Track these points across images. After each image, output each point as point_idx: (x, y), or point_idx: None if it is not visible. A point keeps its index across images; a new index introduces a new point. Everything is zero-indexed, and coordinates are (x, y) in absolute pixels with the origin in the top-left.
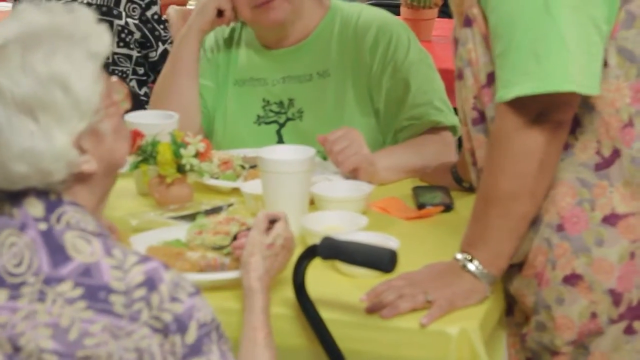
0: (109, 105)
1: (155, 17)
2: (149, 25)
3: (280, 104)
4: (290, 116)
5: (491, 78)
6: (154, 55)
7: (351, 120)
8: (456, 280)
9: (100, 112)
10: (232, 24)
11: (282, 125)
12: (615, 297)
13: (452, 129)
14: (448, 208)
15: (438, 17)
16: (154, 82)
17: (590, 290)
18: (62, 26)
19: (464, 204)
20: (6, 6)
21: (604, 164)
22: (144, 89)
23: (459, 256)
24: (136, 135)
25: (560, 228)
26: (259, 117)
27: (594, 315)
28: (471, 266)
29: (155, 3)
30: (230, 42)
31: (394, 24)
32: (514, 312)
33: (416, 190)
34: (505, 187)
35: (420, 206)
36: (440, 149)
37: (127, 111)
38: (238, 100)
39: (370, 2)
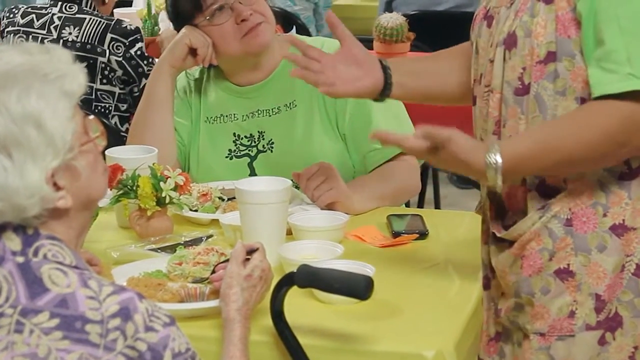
0: (85, 142)
1: (139, 53)
2: (133, 62)
3: (251, 137)
4: (261, 148)
5: (551, 56)
6: (136, 91)
7: (320, 147)
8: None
9: (75, 149)
10: (200, 66)
11: (253, 158)
12: (599, 304)
13: None
14: (422, 235)
15: (410, 50)
16: None
17: (577, 289)
18: (37, 66)
19: (438, 231)
20: None
21: (628, 175)
22: (126, 125)
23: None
24: (117, 169)
25: (568, 223)
26: (230, 151)
27: (571, 314)
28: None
29: (139, 40)
30: (200, 81)
31: None
32: (490, 286)
33: (391, 218)
34: (586, 155)
35: (395, 234)
36: (406, 174)
37: (107, 147)
38: (209, 136)
39: None
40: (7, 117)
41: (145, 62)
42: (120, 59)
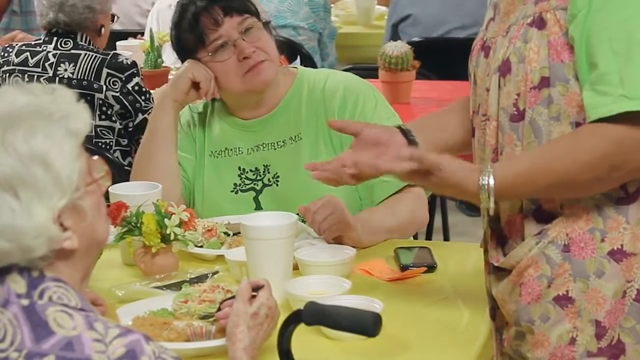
0: (90, 182)
1: (136, 88)
2: (130, 97)
3: (256, 170)
4: (267, 182)
5: (544, 82)
6: (131, 126)
7: None
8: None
9: (81, 189)
10: (204, 99)
11: (259, 192)
12: (599, 330)
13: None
14: (431, 268)
15: (416, 79)
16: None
17: (577, 315)
18: (42, 106)
19: (447, 264)
20: None
21: (625, 200)
22: (128, 159)
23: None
24: (120, 206)
25: (566, 249)
26: (235, 185)
27: (572, 341)
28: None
29: (136, 74)
30: (204, 115)
31: (360, 85)
32: (496, 317)
33: (398, 251)
34: (578, 179)
35: (403, 268)
36: (414, 206)
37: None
38: (214, 170)
39: (348, 65)
40: (14, 157)
41: (142, 97)
42: (117, 94)
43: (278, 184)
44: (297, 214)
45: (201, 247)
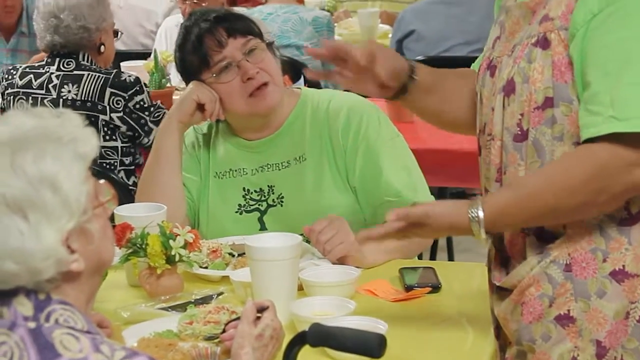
0: (97, 205)
1: (138, 106)
2: (134, 116)
3: (261, 191)
4: (271, 203)
5: (548, 102)
6: (146, 142)
7: (331, 201)
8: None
9: (88, 212)
10: (208, 120)
11: (263, 213)
12: (600, 350)
13: None
14: (435, 288)
15: None
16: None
17: (578, 335)
18: (50, 129)
19: (451, 284)
20: None
21: (628, 221)
22: (132, 178)
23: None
24: (125, 228)
25: (567, 268)
26: (240, 206)
27: None
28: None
29: (139, 92)
30: (208, 136)
31: (364, 106)
32: (500, 336)
33: (403, 271)
34: (566, 204)
35: (408, 288)
36: None
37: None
38: (219, 191)
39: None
40: (23, 179)
41: (146, 112)
42: (121, 114)
43: (282, 204)
44: (302, 235)
45: (206, 268)
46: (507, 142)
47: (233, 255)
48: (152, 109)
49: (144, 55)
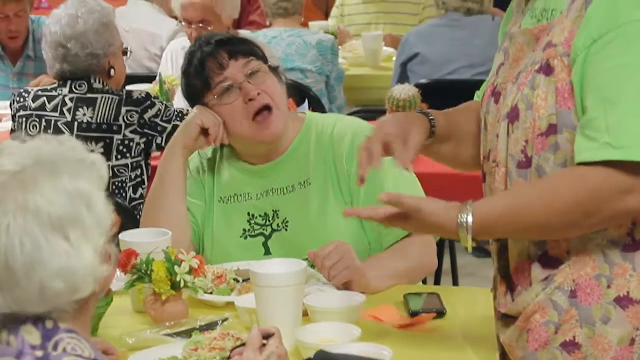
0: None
1: (151, 118)
2: (147, 126)
3: (265, 216)
4: (276, 227)
5: (552, 129)
6: (160, 141)
7: (335, 226)
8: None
9: (110, 234)
10: (213, 145)
11: (268, 237)
12: None
13: None
14: (440, 314)
15: None
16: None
17: None
18: (71, 153)
19: (456, 309)
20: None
21: (632, 247)
22: (140, 191)
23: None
24: (131, 254)
25: (573, 295)
26: (244, 231)
27: None
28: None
29: (151, 105)
30: (213, 161)
31: (369, 130)
32: None
33: (408, 297)
34: (554, 222)
35: (413, 314)
36: (423, 252)
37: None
38: (223, 216)
39: (356, 108)
40: (64, 197)
41: (159, 119)
42: (135, 127)
43: (287, 229)
44: (307, 259)
45: (211, 293)
46: (511, 169)
47: (238, 281)
48: (165, 111)
49: (149, 79)
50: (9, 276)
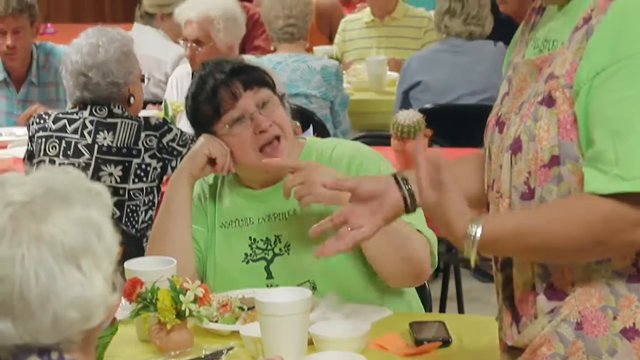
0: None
1: (169, 143)
2: (164, 151)
3: (267, 240)
4: (278, 252)
5: (554, 160)
6: (175, 164)
7: None
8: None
9: (115, 263)
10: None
11: (270, 262)
12: None
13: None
14: (446, 343)
15: (428, 146)
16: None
17: None
18: (78, 183)
19: (462, 338)
20: (8, 154)
21: (637, 278)
22: (150, 213)
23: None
24: (136, 283)
25: (578, 326)
26: (246, 255)
27: None
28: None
29: (169, 130)
30: (214, 187)
31: (366, 152)
32: None
33: (413, 325)
34: (563, 246)
35: (418, 342)
36: (419, 245)
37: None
38: (225, 241)
39: (361, 132)
40: (77, 226)
41: (176, 142)
42: (154, 151)
43: (289, 252)
44: (308, 281)
45: (216, 322)
46: (514, 201)
47: (243, 309)
48: (180, 136)
49: (154, 105)
50: (23, 307)
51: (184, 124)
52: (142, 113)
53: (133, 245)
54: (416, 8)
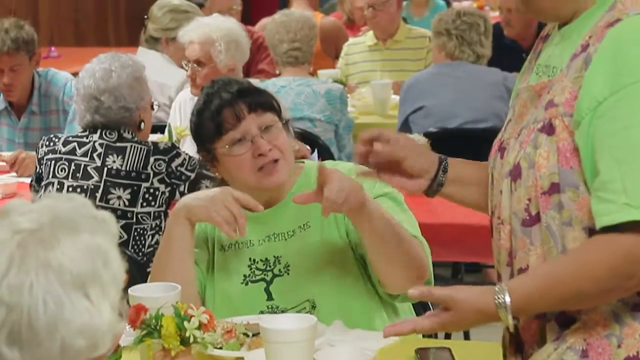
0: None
1: (178, 167)
2: (172, 175)
3: (266, 261)
4: (277, 272)
5: (554, 188)
6: (183, 189)
7: (336, 266)
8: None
9: (121, 291)
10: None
11: (269, 283)
12: None
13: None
14: None
15: None
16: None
17: None
18: (84, 209)
19: None
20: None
21: None
22: (156, 238)
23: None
24: (140, 309)
25: (584, 354)
26: (245, 276)
27: None
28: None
29: (178, 154)
30: None
31: (361, 169)
32: None
33: (419, 352)
34: (590, 290)
35: None
36: (419, 250)
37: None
38: (224, 264)
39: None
40: (85, 254)
41: (184, 167)
42: (163, 175)
43: (289, 273)
44: (308, 300)
45: (220, 348)
46: (515, 227)
47: (247, 335)
48: (188, 160)
49: (157, 129)
50: (31, 335)
51: (187, 148)
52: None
53: (137, 270)
54: (418, 28)
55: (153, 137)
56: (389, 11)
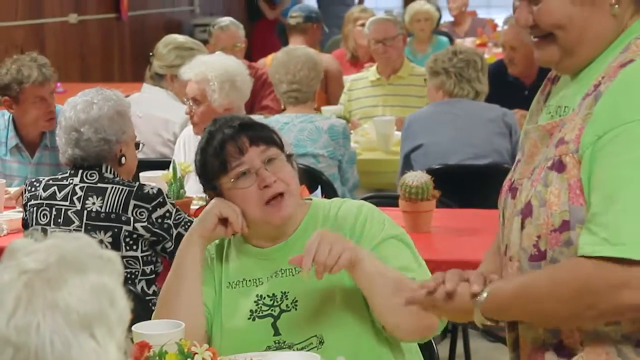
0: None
1: (161, 216)
2: (156, 226)
3: (273, 297)
4: (285, 308)
5: (565, 225)
6: (170, 245)
7: (345, 300)
8: None
9: (125, 333)
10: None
11: (276, 318)
12: None
13: None
14: None
15: (436, 207)
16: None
17: None
18: (90, 249)
19: None
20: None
21: None
22: (153, 288)
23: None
24: (144, 346)
25: None
26: (252, 312)
27: None
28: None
29: (162, 203)
30: (221, 248)
31: (372, 209)
32: None
33: None
34: (559, 309)
35: None
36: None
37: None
38: (232, 302)
39: (369, 193)
40: (92, 294)
41: (171, 220)
42: (145, 223)
43: (297, 308)
44: (316, 335)
45: None
46: (523, 263)
47: None
48: (175, 214)
49: (161, 164)
50: None
51: (191, 185)
52: (147, 175)
53: (141, 307)
54: (421, 67)
55: (158, 174)
56: (398, 46)
